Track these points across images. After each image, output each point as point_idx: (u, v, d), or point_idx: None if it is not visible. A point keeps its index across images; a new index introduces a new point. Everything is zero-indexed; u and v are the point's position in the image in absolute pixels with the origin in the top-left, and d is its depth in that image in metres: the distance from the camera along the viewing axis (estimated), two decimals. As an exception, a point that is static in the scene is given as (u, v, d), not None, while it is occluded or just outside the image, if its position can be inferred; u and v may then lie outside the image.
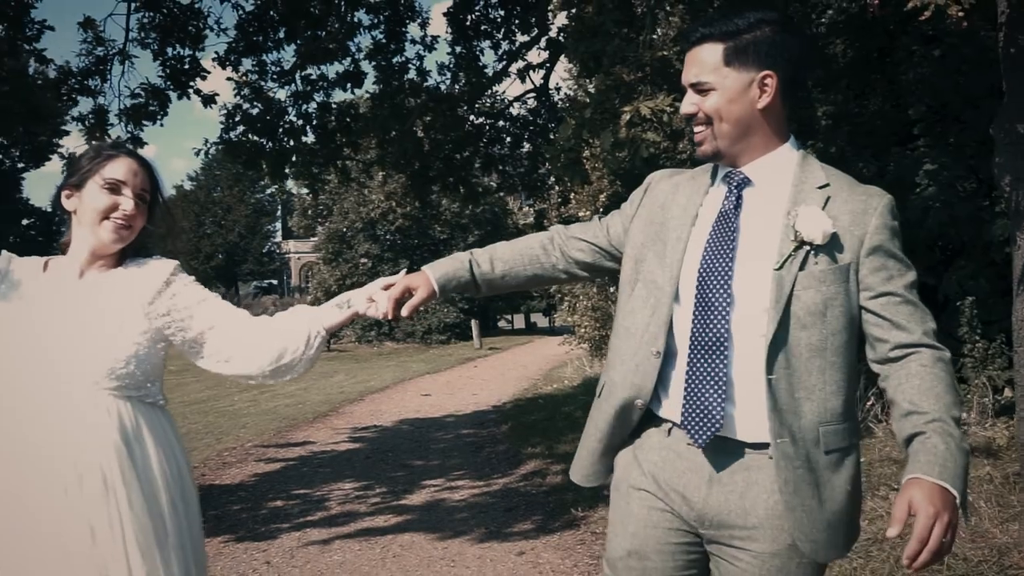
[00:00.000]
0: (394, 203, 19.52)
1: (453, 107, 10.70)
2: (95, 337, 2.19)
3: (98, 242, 2.30)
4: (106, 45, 8.29)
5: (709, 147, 2.06)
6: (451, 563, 5.22)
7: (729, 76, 2.00)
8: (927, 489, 1.73)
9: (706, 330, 1.98)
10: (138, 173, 2.32)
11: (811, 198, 1.99)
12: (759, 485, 1.98)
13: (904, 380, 1.92)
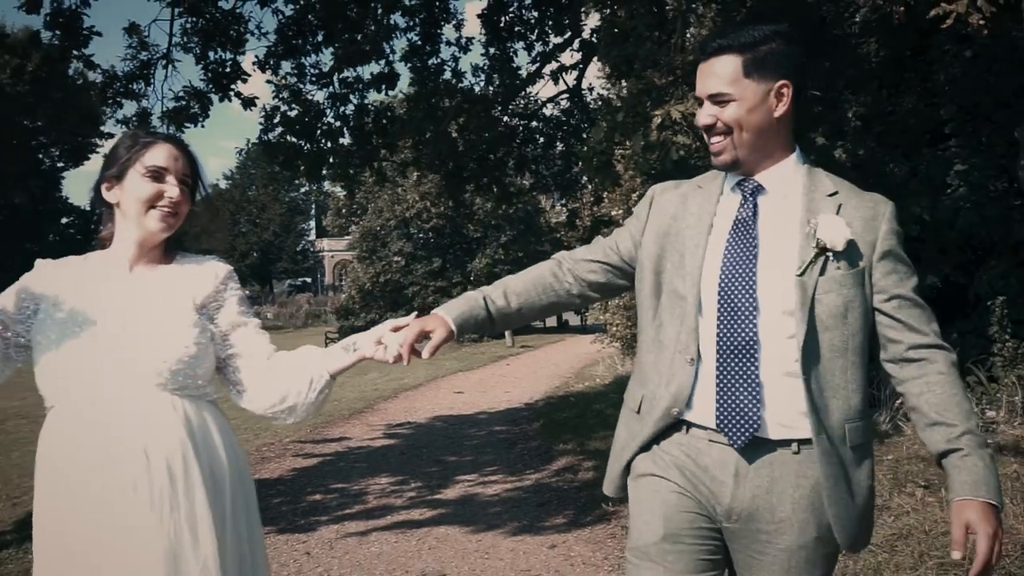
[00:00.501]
0: (428, 203, 19.71)
1: (487, 108, 10.85)
2: (156, 336, 2.15)
3: (145, 232, 2.23)
4: (150, 50, 8.55)
5: (728, 156, 2.11)
6: (485, 555, 5.36)
7: (749, 87, 2.05)
8: (980, 509, 1.89)
9: (734, 335, 2.03)
10: (178, 158, 2.26)
11: (824, 206, 2.07)
12: (784, 480, 2.03)
13: (926, 389, 2.03)
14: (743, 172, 2.14)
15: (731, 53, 2.06)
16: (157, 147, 2.24)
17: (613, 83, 11.36)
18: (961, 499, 1.93)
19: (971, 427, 1.99)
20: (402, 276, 35.89)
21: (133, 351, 2.11)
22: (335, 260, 64.51)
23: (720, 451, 2.06)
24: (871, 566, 4.44)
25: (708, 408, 2.06)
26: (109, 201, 2.26)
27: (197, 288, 2.29)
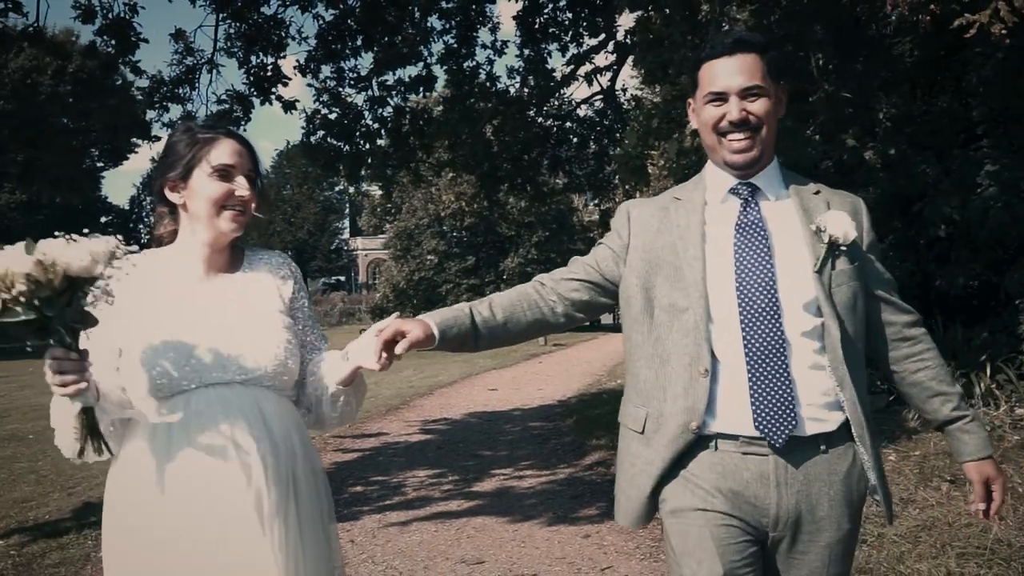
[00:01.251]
0: (464, 203, 19.94)
1: (522, 110, 11.03)
2: (257, 337, 2.13)
3: (216, 233, 2.17)
4: (195, 55, 8.82)
5: (756, 152, 2.12)
6: (521, 544, 5.56)
7: (771, 85, 2.11)
8: (992, 465, 2.21)
9: (761, 337, 2.04)
10: (242, 153, 2.18)
11: (816, 203, 2.16)
12: (819, 480, 2.07)
13: (922, 365, 2.23)
14: (749, 173, 2.16)
15: (753, 52, 2.10)
16: (221, 143, 2.16)
17: (648, 85, 11.49)
18: (978, 459, 2.20)
19: (961, 391, 2.25)
20: (436, 274, 36.20)
21: (236, 355, 2.09)
22: (369, 259, 64.96)
23: (757, 463, 2.06)
24: (894, 555, 4.58)
25: (738, 415, 2.05)
26: (174, 203, 2.20)
27: (283, 287, 2.28)
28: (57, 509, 6.98)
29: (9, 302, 1.67)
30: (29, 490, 7.80)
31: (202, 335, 2.09)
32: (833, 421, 2.08)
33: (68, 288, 1.72)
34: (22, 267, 1.66)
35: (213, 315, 2.13)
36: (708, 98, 2.13)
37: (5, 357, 33.65)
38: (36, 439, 11.11)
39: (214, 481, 2.00)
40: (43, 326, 1.73)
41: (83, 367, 1.81)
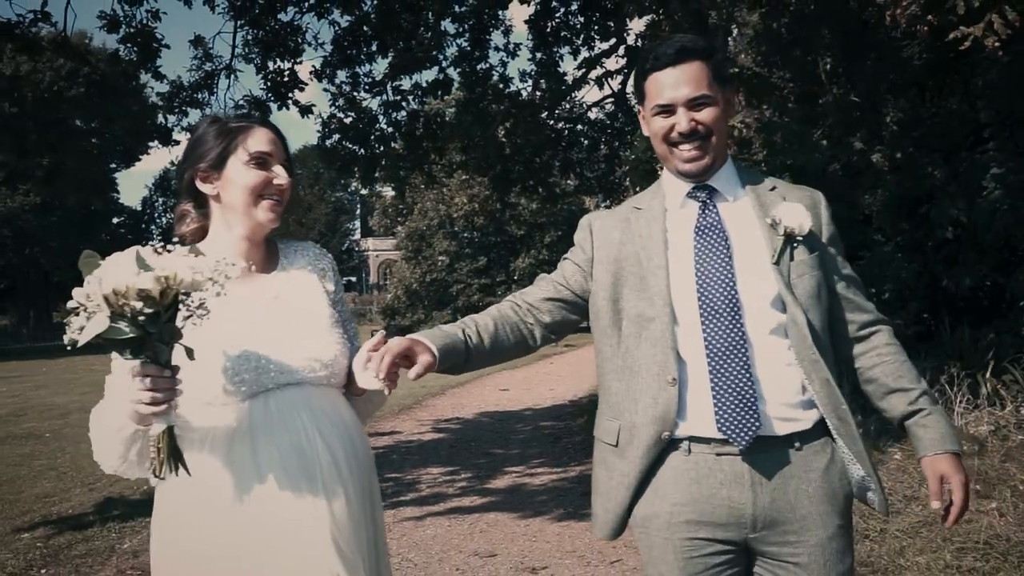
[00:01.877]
0: (476, 205, 20.07)
1: (534, 113, 11.17)
2: (308, 337, 2.07)
3: (254, 224, 2.09)
4: (214, 61, 8.98)
5: (707, 161, 2.12)
6: (532, 538, 5.70)
7: (719, 92, 2.10)
8: (950, 461, 2.06)
9: (721, 337, 2.03)
10: (277, 142, 2.11)
11: (772, 198, 2.15)
12: (796, 478, 2.04)
13: (879, 361, 2.15)
14: (704, 179, 2.17)
15: (698, 59, 2.08)
16: (257, 131, 2.10)
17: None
18: (933, 455, 2.07)
19: (925, 388, 2.14)
20: (447, 275, 36.38)
21: (290, 352, 2.02)
22: (380, 259, 65.18)
23: (730, 464, 2.03)
24: (895, 549, 4.71)
25: (706, 417, 2.03)
26: (207, 194, 2.10)
27: (324, 281, 2.23)
28: (79, 504, 7.15)
29: (117, 318, 1.61)
30: (51, 486, 7.97)
31: (260, 337, 2.00)
32: (807, 419, 2.06)
33: (172, 304, 1.67)
34: (141, 282, 1.60)
35: (262, 315, 2.06)
36: (655, 110, 2.13)
37: (19, 357, 34.05)
38: (53, 437, 11.32)
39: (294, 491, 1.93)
40: (141, 342, 1.67)
41: (175, 385, 1.77)
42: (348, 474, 2.00)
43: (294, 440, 1.96)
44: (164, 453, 1.76)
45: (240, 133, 2.08)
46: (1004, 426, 7.37)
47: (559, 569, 5.09)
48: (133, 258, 1.63)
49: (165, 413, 1.76)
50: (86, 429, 5.23)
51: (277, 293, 2.13)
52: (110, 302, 1.60)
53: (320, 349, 2.07)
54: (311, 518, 1.93)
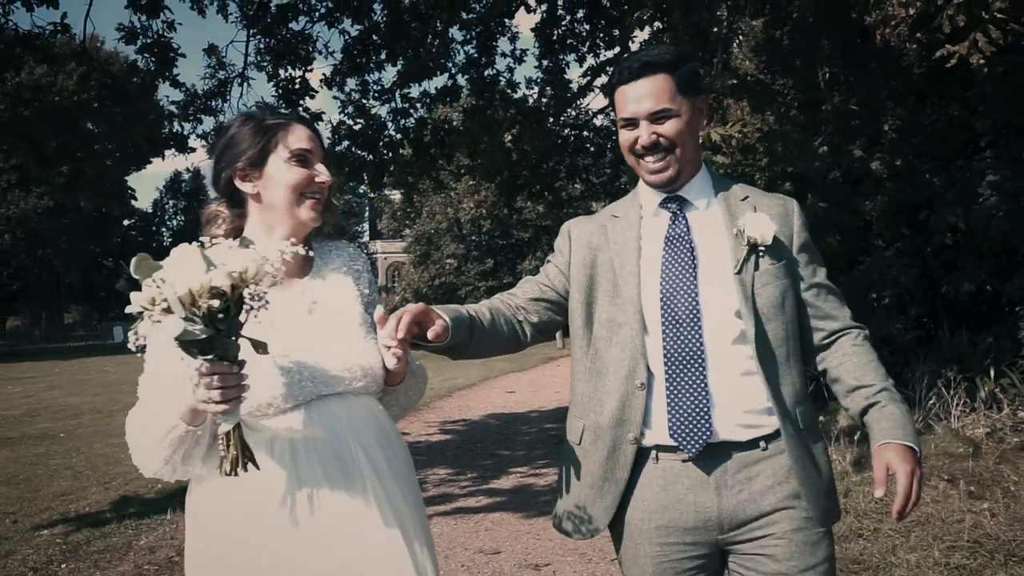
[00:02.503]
0: (483, 211, 20.25)
1: (540, 120, 11.34)
2: (344, 344, 2.00)
3: (295, 223, 2.03)
4: (227, 69, 9.19)
5: (672, 172, 2.13)
6: (536, 536, 5.87)
7: (684, 103, 2.09)
8: (899, 451, 1.97)
9: (680, 347, 2.06)
10: (315, 139, 2.06)
11: (742, 209, 2.16)
12: (761, 476, 2.07)
13: (843, 359, 2.16)
14: (672, 189, 2.18)
15: (661, 72, 2.09)
16: (296, 128, 2.04)
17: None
18: (882, 443, 2.01)
19: (887, 385, 2.10)
20: (455, 277, 36.61)
21: (329, 361, 1.96)
22: (388, 262, 65.38)
23: (696, 469, 2.07)
24: (887, 548, 4.87)
25: (663, 428, 2.07)
26: (247, 193, 2.04)
27: (360, 282, 2.16)
28: (96, 502, 7.35)
29: (188, 319, 1.57)
30: (67, 484, 8.18)
31: (298, 345, 1.94)
32: (771, 425, 2.07)
33: (239, 298, 1.63)
34: (216, 279, 1.57)
35: (300, 321, 2.00)
36: (621, 123, 2.16)
37: (31, 358, 34.35)
38: (68, 437, 11.53)
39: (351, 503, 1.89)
40: (211, 340, 1.62)
41: (242, 380, 1.71)
42: (393, 485, 1.95)
43: (337, 452, 1.90)
44: (236, 449, 1.72)
45: (280, 130, 2.02)
46: (1000, 429, 7.52)
47: (561, 566, 5.26)
48: (198, 256, 1.58)
49: (233, 410, 1.71)
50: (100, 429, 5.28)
51: (315, 298, 2.06)
52: (184, 303, 1.55)
53: (358, 356, 2.00)
54: (356, 529, 1.89)
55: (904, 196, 9.05)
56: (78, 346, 43.55)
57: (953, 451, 7.03)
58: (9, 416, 14.33)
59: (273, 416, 1.90)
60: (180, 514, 6.61)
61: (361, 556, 1.88)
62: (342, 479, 1.90)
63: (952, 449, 7.09)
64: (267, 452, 1.88)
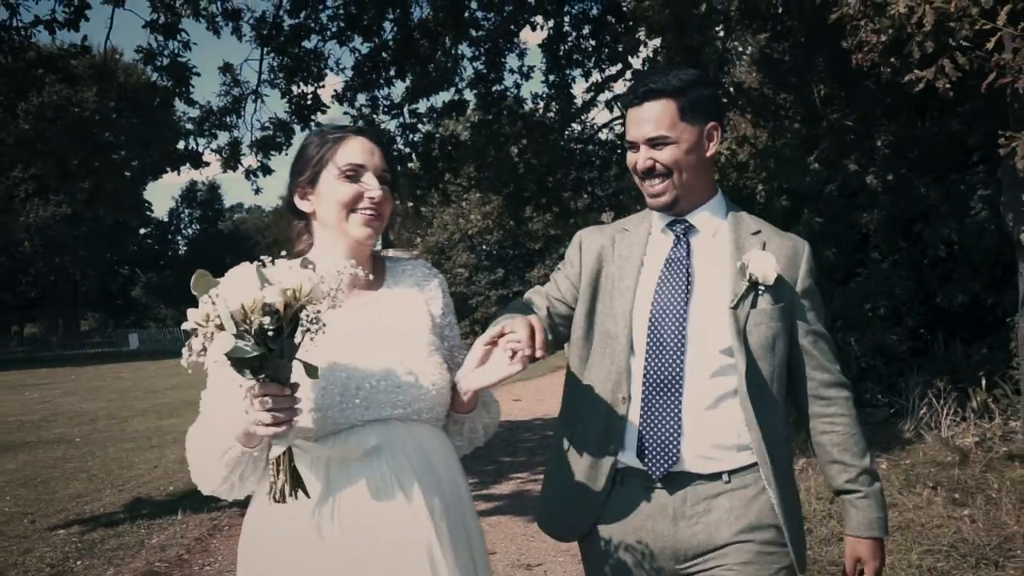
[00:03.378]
0: (490, 222, 20.49)
1: (546, 134, 11.58)
2: (404, 367, 1.89)
3: (351, 241, 1.94)
4: (242, 86, 9.50)
5: (668, 198, 2.12)
6: (531, 538, 6.09)
7: (686, 130, 2.08)
8: (869, 546, 2.11)
9: (660, 370, 2.07)
10: (374, 151, 1.95)
11: (750, 243, 2.14)
12: (719, 509, 2.07)
13: (830, 428, 2.17)
14: (677, 212, 2.18)
15: (664, 97, 2.08)
16: (350, 142, 1.95)
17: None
18: (856, 536, 2.12)
19: (867, 465, 2.14)
20: (465, 287, 36.89)
21: (391, 386, 1.87)
22: (401, 271, 65.66)
23: (657, 497, 2.09)
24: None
25: (633, 448, 2.10)
26: (304, 211, 2.00)
27: (432, 303, 2.07)
28: (110, 503, 7.62)
29: (241, 337, 1.53)
30: (82, 487, 8.46)
31: (351, 365, 1.86)
32: (740, 460, 2.09)
33: (294, 318, 1.59)
34: (268, 296, 1.53)
35: (361, 340, 1.90)
36: (627, 145, 2.18)
37: (48, 364, 34.76)
38: (83, 442, 11.81)
39: (379, 536, 1.77)
40: (263, 360, 1.57)
41: (295, 403, 1.66)
42: (429, 523, 1.80)
43: (371, 484, 1.79)
44: (286, 475, 1.67)
45: (334, 145, 1.94)
46: (990, 438, 7.71)
47: (552, 566, 5.49)
48: (254, 273, 1.56)
49: (285, 434, 1.66)
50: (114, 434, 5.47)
51: (377, 317, 1.97)
52: (236, 319, 1.52)
53: (418, 382, 1.90)
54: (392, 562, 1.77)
55: (899, 210, 9.24)
56: (94, 353, 43.98)
57: (941, 459, 7.22)
58: (27, 421, 14.65)
59: (319, 438, 1.82)
60: (190, 515, 6.91)
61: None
62: (372, 510, 1.78)
63: (941, 458, 7.28)
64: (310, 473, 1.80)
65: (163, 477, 8.86)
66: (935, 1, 3.94)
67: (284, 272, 1.57)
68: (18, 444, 11.76)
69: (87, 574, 5.49)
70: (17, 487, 8.54)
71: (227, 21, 9.03)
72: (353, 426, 1.82)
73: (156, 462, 9.83)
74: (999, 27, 3.80)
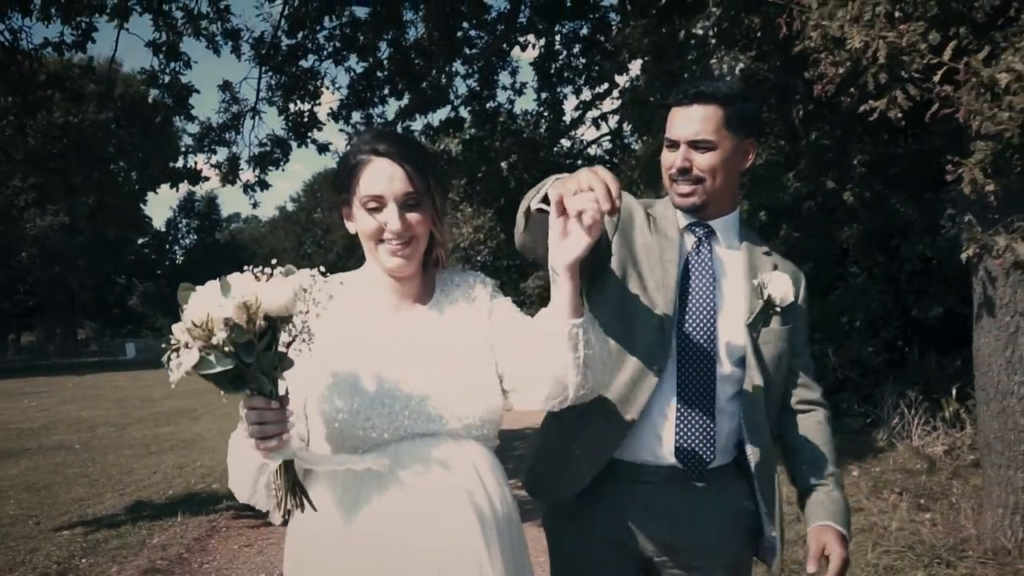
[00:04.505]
0: (482, 236, 20.81)
1: (536, 150, 11.91)
2: (454, 382, 1.82)
3: (387, 268, 1.87)
4: (240, 104, 9.82)
5: (698, 200, 2.11)
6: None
7: (728, 138, 2.08)
8: (835, 535, 2.06)
9: (693, 375, 2.09)
10: (395, 176, 1.80)
11: (764, 263, 2.18)
12: (707, 508, 2.13)
13: (807, 433, 2.23)
14: (702, 216, 2.18)
15: (713, 103, 2.07)
16: (370, 169, 1.82)
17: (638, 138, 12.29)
18: (822, 524, 2.08)
19: (835, 472, 2.18)
20: (462, 298, 37.17)
21: (441, 402, 1.79)
22: (398, 281, 65.87)
23: (644, 492, 2.13)
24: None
25: (642, 443, 2.12)
26: (351, 232, 1.91)
27: (478, 315, 1.94)
28: (112, 506, 7.88)
29: (206, 351, 1.49)
30: (84, 491, 8.71)
31: (399, 379, 1.79)
32: (725, 459, 2.16)
33: (267, 330, 1.54)
34: (222, 311, 1.47)
35: (410, 354, 1.83)
36: (666, 143, 2.16)
37: (46, 372, 34.95)
38: (83, 448, 12.05)
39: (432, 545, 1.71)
40: (239, 374, 1.53)
41: (285, 417, 1.60)
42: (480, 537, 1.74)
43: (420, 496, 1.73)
44: (283, 490, 1.64)
45: (358, 170, 1.83)
46: (959, 447, 8.01)
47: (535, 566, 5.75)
48: (216, 286, 1.51)
49: (278, 448, 1.61)
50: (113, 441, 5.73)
51: (426, 330, 1.89)
52: (193, 335, 1.49)
53: (469, 398, 1.82)
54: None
55: (876, 225, 9.57)
56: (91, 362, 44.14)
57: (911, 467, 7.52)
58: (27, 428, 14.86)
59: (359, 452, 1.76)
60: (189, 517, 7.19)
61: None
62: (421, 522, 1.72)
63: (910, 465, 7.58)
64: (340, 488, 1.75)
65: (162, 482, 9.13)
66: (888, 36, 4.21)
67: (247, 284, 1.52)
68: (19, 451, 11.99)
69: (92, 571, 5.77)
70: (20, 491, 8.79)
71: (227, 40, 9.35)
72: (403, 439, 1.76)
73: (155, 468, 10.08)
74: (944, 61, 4.07)
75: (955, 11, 4.12)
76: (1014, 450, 5.08)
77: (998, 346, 5.20)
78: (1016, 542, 5.04)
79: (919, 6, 4.16)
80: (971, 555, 5.17)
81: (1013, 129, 3.76)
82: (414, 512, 1.71)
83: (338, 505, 1.74)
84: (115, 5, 7.88)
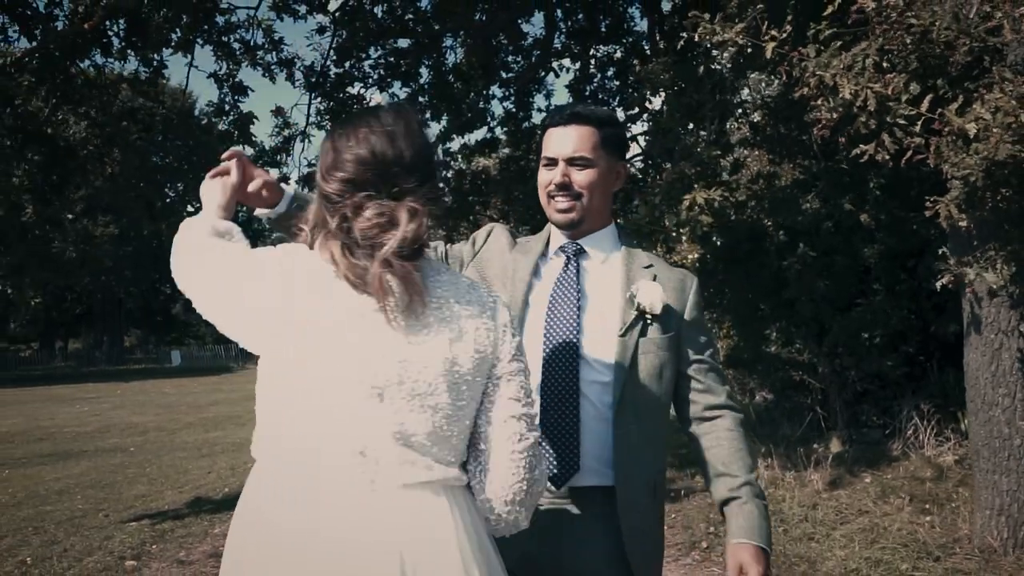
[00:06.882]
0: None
1: (569, 170, 12.43)
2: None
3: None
4: (291, 128, 10.48)
5: (576, 215, 2.17)
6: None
7: (602, 158, 2.17)
8: (752, 552, 2.04)
9: (559, 385, 2.09)
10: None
11: (641, 275, 2.19)
12: (595, 534, 2.08)
13: (715, 444, 2.18)
14: (575, 234, 2.24)
15: (590, 125, 2.17)
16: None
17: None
18: (737, 542, 2.06)
19: (751, 479, 2.13)
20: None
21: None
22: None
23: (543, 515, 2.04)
24: (827, 547, 5.85)
25: None
26: None
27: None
28: (172, 502, 8.53)
29: None
30: (144, 489, 9.37)
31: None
32: (609, 478, 2.09)
33: None
34: None
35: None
36: (543, 161, 2.22)
37: (95, 379, 35.92)
38: (137, 451, 12.72)
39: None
40: None
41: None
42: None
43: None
44: None
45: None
46: (966, 457, 8.39)
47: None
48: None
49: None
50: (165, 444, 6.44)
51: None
52: None
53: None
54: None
55: (891, 246, 9.96)
56: (137, 368, 45.15)
57: (920, 475, 7.92)
58: (83, 432, 15.58)
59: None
60: (247, 511, 7.79)
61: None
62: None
63: (920, 473, 7.98)
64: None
65: (217, 481, 9.76)
66: (875, 87, 4.71)
67: None
68: (77, 452, 12.67)
69: (163, 555, 6.41)
70: (86, 488, 9.46)
71: (281, 69, 10.02)
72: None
73: (209, 468, 10.71)
74: (923, 113, 4.56)
75: (933, 65, 4.60)
76: (999, 456, 5.53)
77: (984, 361, 5.63)
78: (1001, 541, 5.49)
79: (902, 59, 4.65)
80: (959, 552, 5.62)
81: (977, 173, 4.24)
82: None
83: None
84: (179, 39, 8.57)
